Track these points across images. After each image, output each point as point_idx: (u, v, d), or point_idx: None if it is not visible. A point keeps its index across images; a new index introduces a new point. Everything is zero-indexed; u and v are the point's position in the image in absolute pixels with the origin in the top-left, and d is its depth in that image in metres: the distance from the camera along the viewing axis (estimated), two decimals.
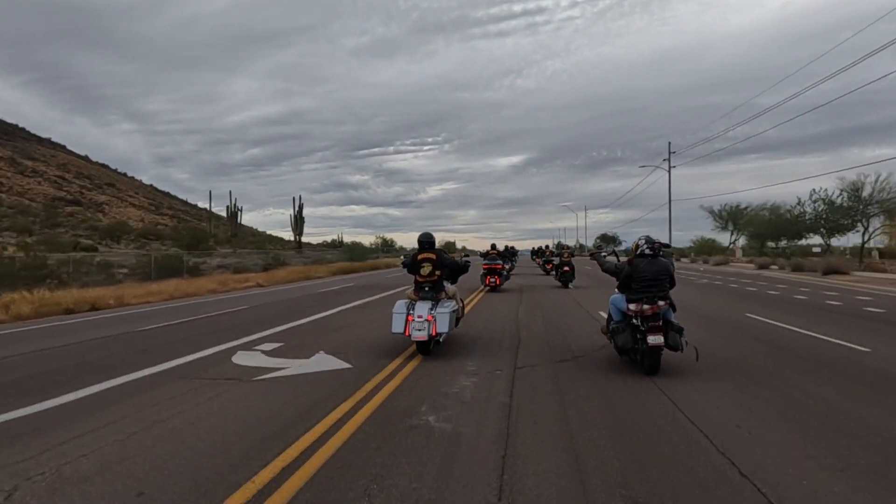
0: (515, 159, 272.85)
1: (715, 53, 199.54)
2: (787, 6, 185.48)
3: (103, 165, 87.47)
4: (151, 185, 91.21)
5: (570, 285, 17.53)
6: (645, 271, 5.41)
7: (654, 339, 5.21)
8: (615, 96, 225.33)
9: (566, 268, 17.63)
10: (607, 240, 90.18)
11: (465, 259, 7.70)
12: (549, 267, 24.59)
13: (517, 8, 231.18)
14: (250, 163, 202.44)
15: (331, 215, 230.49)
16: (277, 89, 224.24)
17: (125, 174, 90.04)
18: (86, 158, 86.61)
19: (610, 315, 5.95)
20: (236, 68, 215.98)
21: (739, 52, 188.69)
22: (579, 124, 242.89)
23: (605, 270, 6.09)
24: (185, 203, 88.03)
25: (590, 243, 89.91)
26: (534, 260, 36.61)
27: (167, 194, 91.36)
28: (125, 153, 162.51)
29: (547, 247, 30.99)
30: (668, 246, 6.09)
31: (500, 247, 19.83)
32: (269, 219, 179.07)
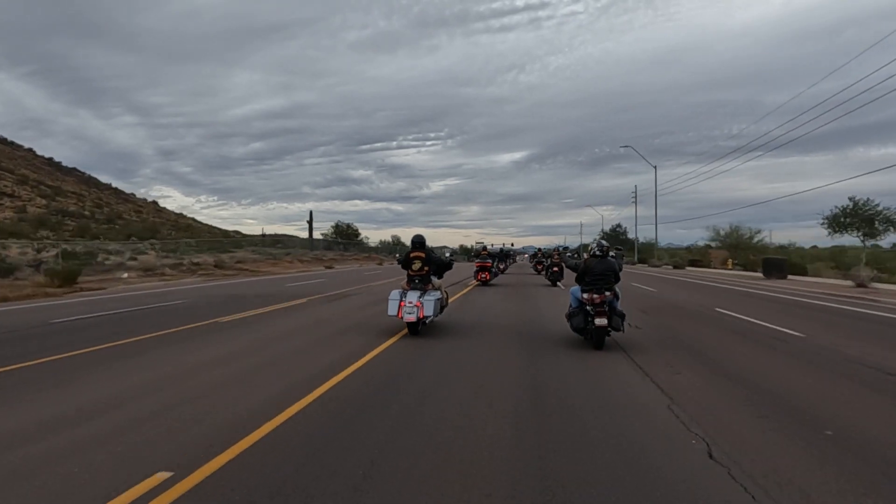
0: (518, 155, 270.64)
1: (719, 49, 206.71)
2: (791, 2, 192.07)
3: (4, 141, 79.44)
4: (76, 169, 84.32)
5: (558, 284, 19.44)
6: (595, 268, 6.99)
7: (600, 321, 6.79)
8: (618, 92, 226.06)
9: (555, 268, 19.77)
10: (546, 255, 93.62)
11: (450, 257, 9.21)
12: (539, 268, 26.58)
13: (520, 2, 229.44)
14: (253, 157, 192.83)
15: (335, 210, 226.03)
16: (279, 83, 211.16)
17: (32, 150, 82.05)
18: None
19: (571, 303, 7.53)
20: (238, 61, 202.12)
21: (743, 48, 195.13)
22: (582, 120, 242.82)
23: (568, 267, 7.69)
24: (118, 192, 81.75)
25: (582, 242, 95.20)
26: (530, 262, 38.62)
27: (96, 180, 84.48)
28: (128, 146, 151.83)
29: (539, 250, 33.32)
30: (619, 248, 7.82)
31: (499, 248, 24.76)
32: (271, 213, 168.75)
